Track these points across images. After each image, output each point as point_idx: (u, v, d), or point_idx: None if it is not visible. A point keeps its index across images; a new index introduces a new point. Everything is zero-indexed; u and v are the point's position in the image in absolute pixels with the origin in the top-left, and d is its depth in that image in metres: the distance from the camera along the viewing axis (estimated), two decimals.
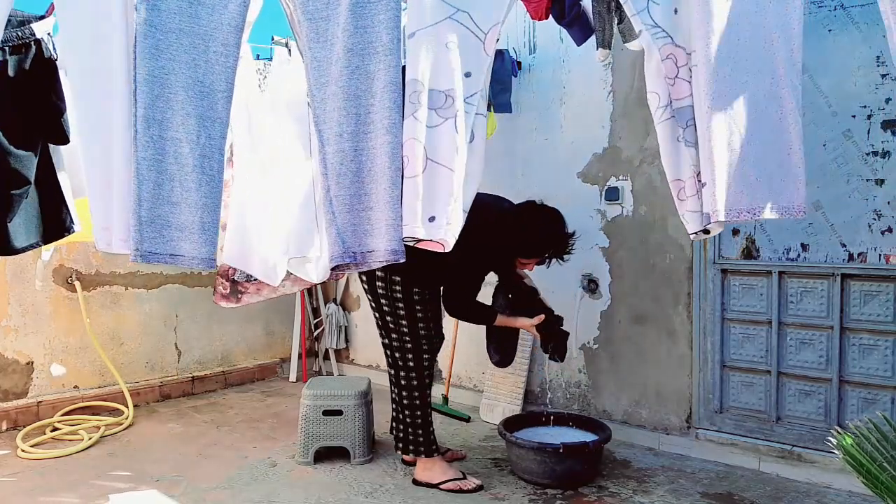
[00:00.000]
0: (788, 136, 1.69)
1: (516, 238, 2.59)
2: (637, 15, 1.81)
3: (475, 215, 1.96)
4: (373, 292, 2.70)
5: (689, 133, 1.79)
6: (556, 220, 2.62)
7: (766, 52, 1.69)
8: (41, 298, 3.54)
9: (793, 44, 1.69)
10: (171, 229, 1.73)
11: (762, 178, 1.71)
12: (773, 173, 1.71)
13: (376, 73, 1.78)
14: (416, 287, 2.62)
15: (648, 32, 1.81)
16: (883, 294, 2.59)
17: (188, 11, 1.73)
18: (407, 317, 2.64)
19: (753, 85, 1.70)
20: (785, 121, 1.69)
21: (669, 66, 1.80)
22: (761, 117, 1.70)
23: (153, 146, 1.71)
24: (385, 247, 1.79)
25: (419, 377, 2.69)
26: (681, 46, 1.80)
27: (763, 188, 1.71)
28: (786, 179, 1.70)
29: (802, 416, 2.80)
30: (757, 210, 1.71)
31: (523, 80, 3.58)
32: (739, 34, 1.70)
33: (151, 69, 1.70)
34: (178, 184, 1.74)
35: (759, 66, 1.70)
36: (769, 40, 1.69)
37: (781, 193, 1.71)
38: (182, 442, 3.26)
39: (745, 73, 1.70)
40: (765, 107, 1.70)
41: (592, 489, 2.65)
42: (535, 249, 2.62)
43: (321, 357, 4.73)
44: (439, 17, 1.84)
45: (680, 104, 1.81)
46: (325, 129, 1.83)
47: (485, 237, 2.52)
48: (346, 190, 1.81)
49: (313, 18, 1.83)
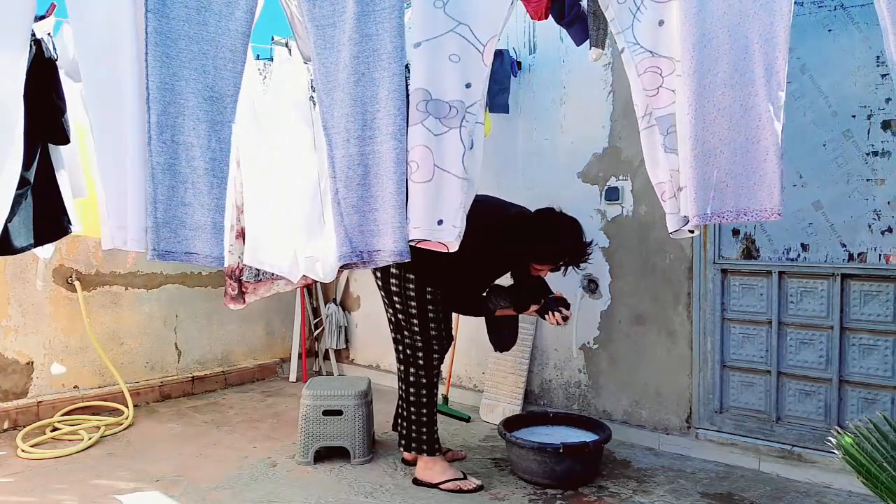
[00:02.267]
0: (765, 143, 1.75)
1: (533, 244, 2.58)
2: (622, 33, 1.93)
3: (479, 216, 2.01)
4: (386, 290, 2.72)
5: (668, 139, 1.89)
6: (575, 228, 2.62)
7: (743, 63, 1.75)
8: (41, 298, 3.54)
9: (776, 53, 1.73)
10: (185, 229, 1.82)
11: (732, 183, 1.79)
12: (745, 179, 1.78)
13: (381, 81, 1.84)
14: (429, 286, 2.65)
15: (629, 50, 1.92)
16: (883, 294, 2.59)
17: (196, 19, 1.78)
18: (419, 315, 2.66)
19: (730, 96, 1.77)
20: (761, 130, 1.75)
21: (651, 79, 1.90)
22: (735, 127, 1.77)
23: (167, 151, 1.78)
24: (391, 247, 1.87)
25: (428, 375, 2.71)
26: (666, 57, 1.89)
27: (731, 193, 1.79)
28: (759, 184, 1.77)
29: (802, 416, 2.80)
30: (724, 214, 1.80)
31: (523, 80, 3.58)
32: (719, 46, 1.77)
33: (163, 76, 1.76)
34: (191, 186, 1.81)
35: (736, 78, 1.76)
36: (749, 51, 1.74)
37: (754, 198, 1.78)
38: (182, 442, 3.26)
39: (723, 84, 1.77)
40: (740, 116, 1.77)
41: (592, 489, 2.65)
42: (552, 257, 2.62)
43: (321, 357, 4.73)
44: (443, 30, 1.91)
45: (661, 112, 1.90)
46: (333, 134, 1.90)
47: (493, 239, 2.54)
48: (354, 192, 1.88)
49: (320, 25, 1.88)
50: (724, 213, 1.80)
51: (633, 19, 1.91)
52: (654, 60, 1.90)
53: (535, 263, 2.66)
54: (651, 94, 1.91)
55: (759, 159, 1.76)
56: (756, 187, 1.77)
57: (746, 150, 1.77)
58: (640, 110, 1.95)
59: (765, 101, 1.74)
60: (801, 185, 2.74)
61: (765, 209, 1.77)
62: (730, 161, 1.78)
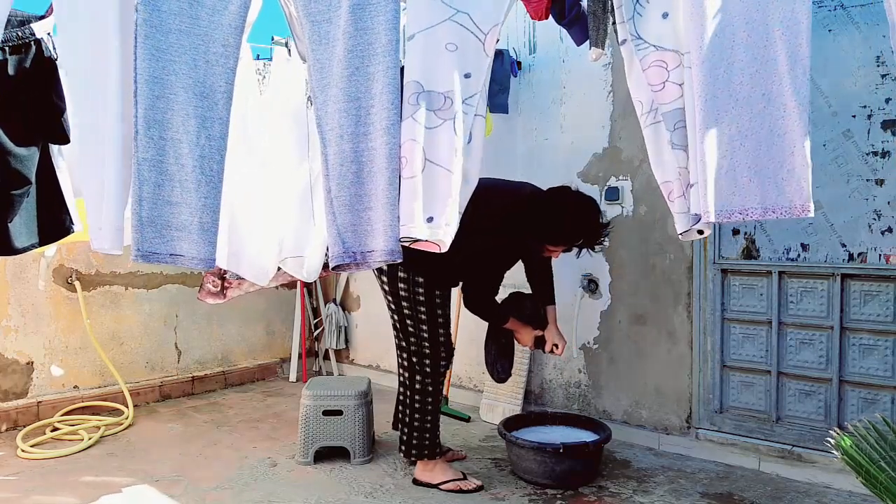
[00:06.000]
0: (791, 135, 1.65)
1: (547, 223, 2.46)
2: (625, 23, 1.83)
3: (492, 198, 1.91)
4: (394, 293, 2.62)
5: (676, 136, 1.79)
6: (591, 207, 2.49)
7: (766, 50, 1.66)
8: (41, 298, 3.54)
9: (800, 39, 1.63)
10: (171, 230, 1.74)
11: (756, 179, 1.69)
12: (772, 174, 1.68)
13: (375, 75, 1.78)
14: (438, 290, 2.58)
15: (632, 43, 1.82)
16: (883, 294, 2.59)
17: (188, 12, 1.73)
18: (428, 321, 2.59)
19: (749, 86, 1.68)
20: (787, 120, 1.65)
21: (656, 73, 1.80)
22: (757, 118, 1.68)
23: (154, 147, 1.72)
24: (383, 247, 1.80)
25: (434, 383, 2.65)
26: (671, 50, 1.79)
27: (756, 189, 1.69)
28: (788, 179, 1.67)
29: (802, 416, 2.80)
30: (749, 211, 1.69)
31: (523, 80, 3.58)
32: (735, 35, 1.68)
33: (152, 70, 1.70)
34: (178, 184, 1.74)
35: (756, 67, 1.67)
36: (770, 39, 1.66)
37: (781, 194, 1.68)
38: (182, 442, 3.26)
39: (741, 73, 1.68)
40: (763, 107, 1.67)
41: (592, 489, 2.65)
42: (566, 237, 2.48)
43: (321, 357, 4.73)
44: (440, 19, 1.85)
45: (667, 108, 1.80)
46: (326, 131, 1.85)
47: (505, 220, 2.46)
48: (347, 191, 1.82)
49: (315, 21, 1.84)
50: (748, 209, 1.68)
51: (634, 12, 1.82)
52: (659, 54, 1.80)
53: (549, 245, 2.54)
54: (657, 89, 1.81)
55: (786, 152, 1.66)
56: (784, 182, 1.66)
57: (771, 143, 1.66)
58: (643, 106, 1.86)
59: (790, 90, 1.64)
60: None
61: (795, 206, 1.66)
62: (752, 155, 1.67)
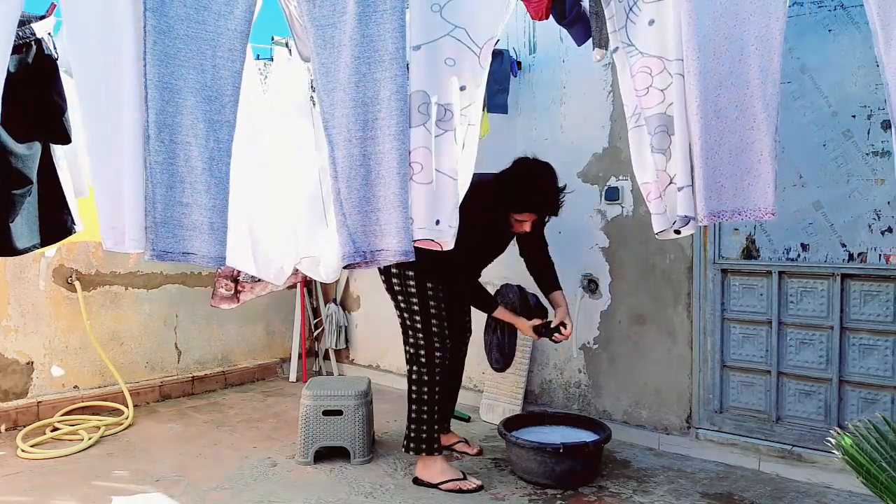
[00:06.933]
0: (759, 144, 1.78)
1: (505, 190, 2.58)
2: (616, 32, 1.94)
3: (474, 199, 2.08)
4: (390, 289, 2.76)
5: (656, 139, 1.90)
6: (545, 171, 2.61)
7: (740, 64, 1.78)
8: (41, 298, 3.54)
9: (771, 55, 1.75)
10: (183, 229, 1.80)
11: (728, 184, 1.83)
12: (741, 180, 1.82)
13: (383, 82, 1.84)
14: (430, 281, 2.67)
15: (623, 50, 1.93)
16: (883, 294, 2.59)
17: (195, 18, 1.77)
18: (420, 312, 2.69)
19: (725, 97, 1.80)
20: (756, 130, 1.78)
21: (642, 79, 1.92)
22: (731, 127, 1.80)
23: (165, 150, 1.77)
24: (395, 247, 1.87)
25: (430, 373, 2.70)
26: (655, 56, 1.90)
27: (728, 193, 1.83)
28: (754, 185, 1.81)
29: (802, 416, 2.80)
30: (722, 213, 1.84)
31: (523, 80, 3.58)
32: (717, 48, 1.79)
33: (161, 75, 1.74)
34: (189, 186, 1.80)
35: (731, 79, 1.79)
36: (745, 53, 1.77)
37: (749, 198, 1.82)
38: (182, 442, 3.26)
39: (720, 85, 1.80)
40: (735, 117, 1.80)
41: (592, 489, 2.65)
42: (522, 201, 2.57)
43: (321, 357, 4.73)
44: (439, 34, 1.92)
45: (650, 112, 1.92)
46: (334, 134, 1.90)
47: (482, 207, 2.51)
48: (356, 192, 1.88)
49: (320, 25, 1.87)
50: (721, 212, 1.84)
51: (627, 20, 1.92)
52: (644, 60, 1.92)
53: (513, 213, 2.61)
54: (641, 94, 1.93)
55: (754, 160, 1.80)
56: (750, 188, 1.81)
57: (741, 151, 1.80)
58: (628, 110, 1.97)
59: (760, 103, 1.76)
60: (801, 185, 2.74)
61: (759, 209, 1.81)
62: (727, 162, 1.81)
